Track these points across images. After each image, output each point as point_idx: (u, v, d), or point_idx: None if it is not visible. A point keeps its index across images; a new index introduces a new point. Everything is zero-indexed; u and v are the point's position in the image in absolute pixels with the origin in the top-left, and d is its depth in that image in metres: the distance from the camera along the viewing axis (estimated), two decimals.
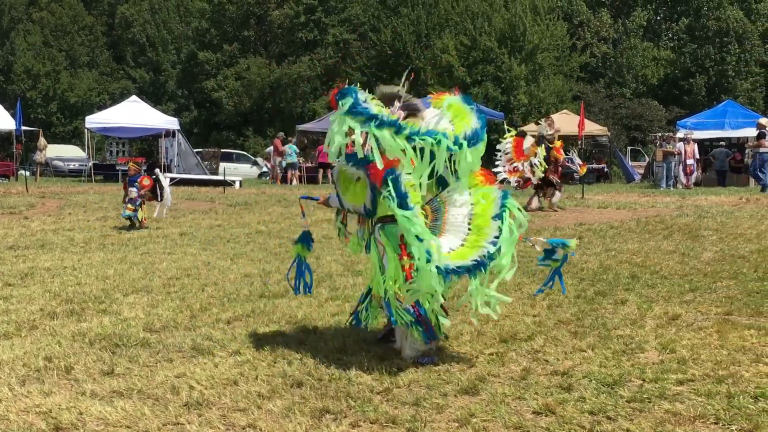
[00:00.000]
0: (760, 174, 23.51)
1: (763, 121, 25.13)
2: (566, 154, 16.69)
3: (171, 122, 33.03)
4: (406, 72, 5.50)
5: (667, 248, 10.07)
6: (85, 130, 33.06)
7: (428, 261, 4.73)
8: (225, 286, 7.91)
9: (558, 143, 15.72)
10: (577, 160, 18.08)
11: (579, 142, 29.07)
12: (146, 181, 13.03)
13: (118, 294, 7.51)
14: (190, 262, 9.59)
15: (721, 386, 4.53)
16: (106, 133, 36.48)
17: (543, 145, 15.04)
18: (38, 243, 11.36)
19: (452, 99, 5.48)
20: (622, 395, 4.44)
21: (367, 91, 5.19)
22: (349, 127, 4.95)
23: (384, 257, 5.15)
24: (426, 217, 5.20)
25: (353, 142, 4.97)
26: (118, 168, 12.25)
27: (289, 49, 49.37)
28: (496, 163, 14.75)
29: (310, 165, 31.63)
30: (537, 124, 21.93)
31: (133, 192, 12.95)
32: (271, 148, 32.33)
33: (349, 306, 6.65)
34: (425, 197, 5.35)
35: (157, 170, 13.83)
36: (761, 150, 23.61)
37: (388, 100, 5.33)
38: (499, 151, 15.05)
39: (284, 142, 30.11)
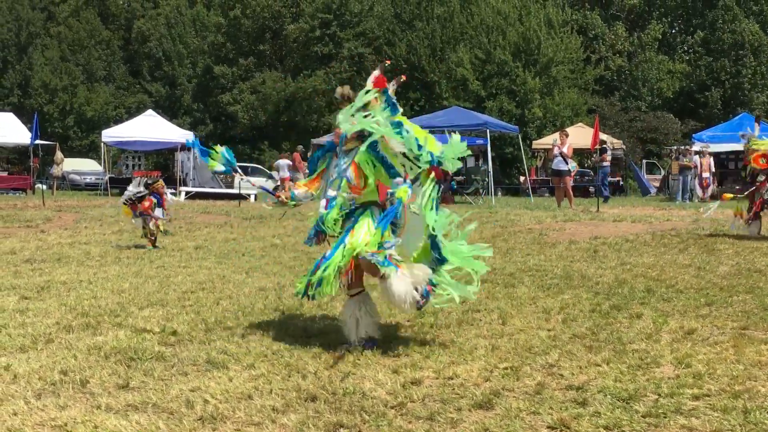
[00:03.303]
0: (602, 187, 25.10)
1: (603, 137, 26.40)
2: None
3: (187, 136, 33.21)
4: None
5: (683, 262, 10.02)
6: (102, 144, 33.35)
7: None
8: (240, 300, 7.92)
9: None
10: None
11: (593, 155, 29.04)
12: (146, 203, 12.71)
13: (133, 307, 7.53)
14: (205, 275, 9.61)
15: (737, 401, 4.50)
16: (122, 147, 36.80)
17: None
18: (54, 256, 11.42)
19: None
20: (638, 410, 4.41)
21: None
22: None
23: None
24: None
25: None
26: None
27: (305, 63, 49.58)
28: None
29: None
30: (564, 135, 21.81)
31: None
32: (282, 161, 32.37)
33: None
34: None
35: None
36: (603, 164, 25.80)
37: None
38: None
39: (304, 157, 29.99)
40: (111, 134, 32.94)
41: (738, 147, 30.91)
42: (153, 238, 12.56)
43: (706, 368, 5.16)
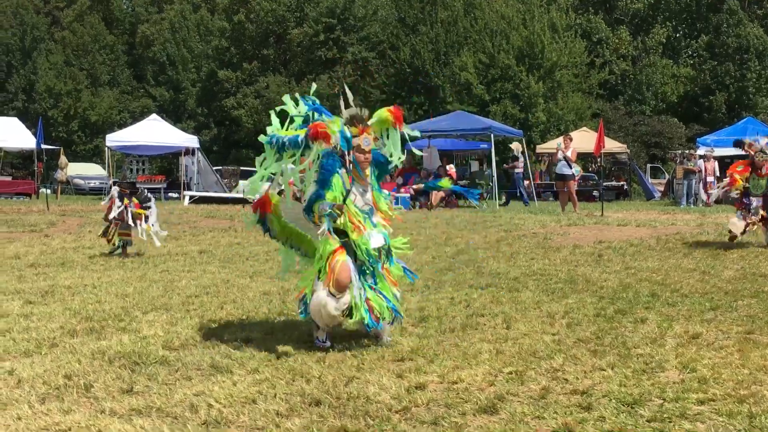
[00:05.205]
0: (519, 192, 27.22)
1: (514, 145, 27.32)
2: None
3: (191, 140, 33.29)
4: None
5: (688, 266, 10.00)
6: (106, 149, 33.35)
7: None
8: (244, 304, 7.92)
9: None
10: None
11: (598, 160, 29.01)
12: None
13: (137, 312, 7.53)
14: (210, 279, 9.61)
15: (742, 406, 4.48)
16: (126, 152, 36.77)
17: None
18: (59, 261, 11.43)
19: None
20: (643, 415, 4.40)
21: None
22: None
23: None
24: None
25: None
26: (138, 186, 12.07)
27: (309, 68, 49.62)
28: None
29: None
30: (568, 139, 21.73)
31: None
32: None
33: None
34: None
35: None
36: (516, 171, 27.28)
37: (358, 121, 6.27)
38: None
39: None
40: (115, 139, 32.95)
41: (742, 151, 30.97)
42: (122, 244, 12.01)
43: (711, 373, 5.14)
